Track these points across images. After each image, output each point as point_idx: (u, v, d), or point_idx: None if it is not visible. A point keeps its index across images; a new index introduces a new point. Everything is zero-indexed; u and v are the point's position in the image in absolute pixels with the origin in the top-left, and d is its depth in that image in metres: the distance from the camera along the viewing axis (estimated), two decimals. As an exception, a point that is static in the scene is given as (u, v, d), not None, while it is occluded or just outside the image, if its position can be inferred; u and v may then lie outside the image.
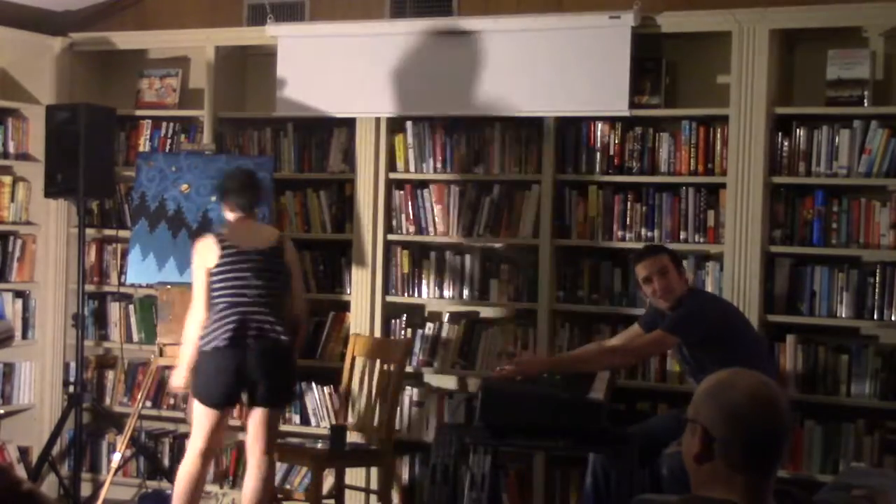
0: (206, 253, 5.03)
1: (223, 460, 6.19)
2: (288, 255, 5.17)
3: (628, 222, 5.58)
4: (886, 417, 5.16)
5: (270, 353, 4.98)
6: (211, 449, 5.13)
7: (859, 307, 5.21)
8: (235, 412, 5.69)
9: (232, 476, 6.17)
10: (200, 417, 5.06)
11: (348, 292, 6.06)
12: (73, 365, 6.31)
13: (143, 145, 6.45)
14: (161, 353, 5.76)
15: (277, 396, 5.08)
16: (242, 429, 5.49)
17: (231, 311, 4.98)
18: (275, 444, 5.20)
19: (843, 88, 5.21)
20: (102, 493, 5.84)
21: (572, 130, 5.68)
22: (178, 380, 5.20)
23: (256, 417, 5.09)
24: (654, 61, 5.58)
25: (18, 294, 6.48)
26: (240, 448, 6.18)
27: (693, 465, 2.29)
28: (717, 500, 2.25)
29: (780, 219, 5.35)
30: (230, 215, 5.17)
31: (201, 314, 5.01)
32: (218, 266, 5.02)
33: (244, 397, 5.11)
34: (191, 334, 5.04)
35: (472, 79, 5.73)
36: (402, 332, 5.98)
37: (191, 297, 5.19)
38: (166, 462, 6.37)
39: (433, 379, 6.00)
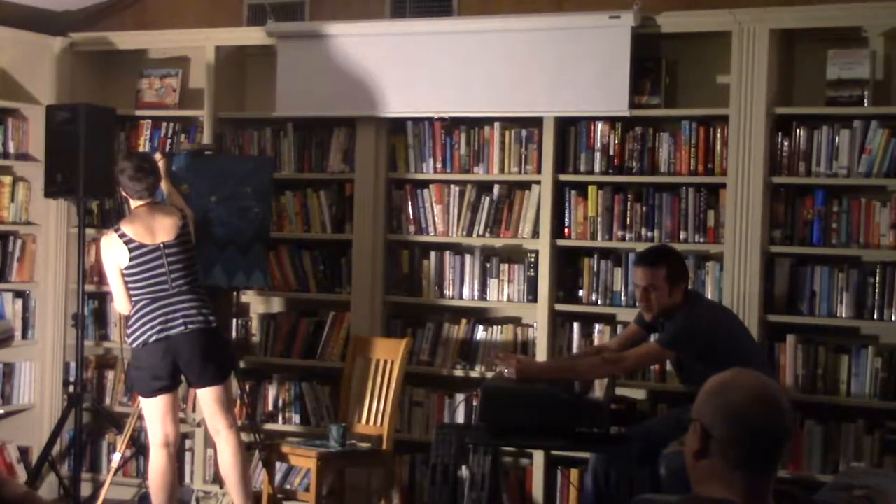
0: (114, 250, 5.16)
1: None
2: (192, 225, 5.32)
3: (628, 222, 5.58)
4: (886, 417, 5.16)
5: (200, 340, 5.13)
6: (167, 436, 5.26)
7: (859, 307, 5.21)
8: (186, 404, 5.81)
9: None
10: (148, 410, 5.25)
11: (348, 292, 6.06)
12: (73, 365, 6.30)
13: (143, 145, 6.45)
14: (161, 353, 5.76)
15: (215, 374, 5.22)
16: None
17: (153, 306, 5.13)
18: (233, 414, 5.34)
19: (843, 88, 5.21)
20: (102, 493, 5.84)
21: (572, 130, 5.68)
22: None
23: (205, 399, 5.26)
24: (654, 61, 5.58)
25: (18, 294, 6.47)
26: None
27: (692, 463, 2.30)
28: (717, 500, 2.25)
29: (780, 219, 5.35)
30: (132, 203, 5.28)
31: (127, 310, 5.20)
32: (130, 267, 5.15)
33: (183, 379, 5.27)
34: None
35: (472, 79, 5.73)
36: (402, 332, 5.98)
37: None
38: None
39: (433, 379, 6.00)
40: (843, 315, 5.23)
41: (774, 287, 5.33)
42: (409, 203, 5.96)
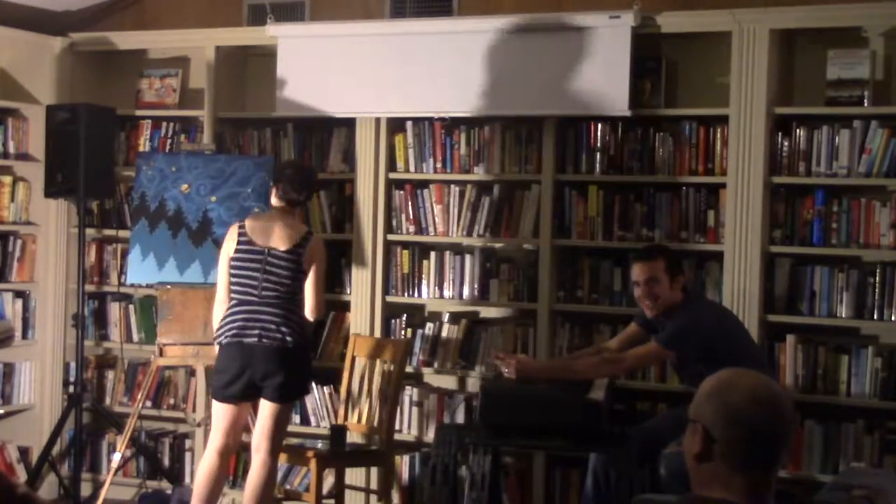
0: (229, 241, 5.10)
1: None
2: (309, 254, 5.06)
3: (628, 222, 5.58)
4: (886, 417, 5.16)
5: (272, 355, 4.95)
6: (227, 446, 5.13)
7: (859, 307, 5.21)
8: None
9: (232, 476, 6.16)
10: (214, 413, 5.13)
11: (348, 292, 6.06)
12: (73, 365, 6.31)
13: (143, 145, 6.45)
14: (161, 353, 5.76)
15: (281, 393, 5.03)
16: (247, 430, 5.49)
17: (238, 308, 5.01)
18: (279, 444, 5.16)
19: (843, 88, 5.21)
20: (102, 493, 5.84)
21: (572, 130, 5.68)
22: None
23: (261, 412, 5.10)
24: (654, 61, 5.58)
25: (18, 294, 6.48)
26: (243, 447, 6.18)
27: (693, 465, 2.29)
28: (717, 500, 2.25)
29: (780, 219, 5.35)
30: (273, 201, 5.15)
31: (222, 302, 5.08)
32: (233, 259, 5.06)
33: (258, 397, 5.10)
34: (213, 320, 5.13)
35: (472, 79, 5.73)
36: (402, 332, 5.99)
37: (191, 297, 5.19)
38: (166, 462, 6.38)
39: (433, 379, 6.00)
40: (843, 315, 5.23)
41: (774, 287, 5.33)
42: (409, 203, 5.96)
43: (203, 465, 5.16)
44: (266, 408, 5.06)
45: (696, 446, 2.27)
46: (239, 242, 5.05)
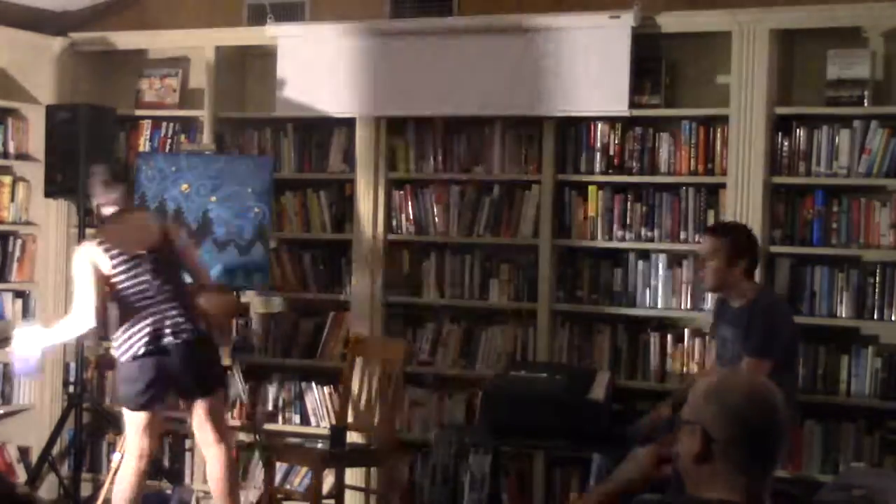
0: (95, 261, 4.96)
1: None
2: (178, 241, 5.13)
3: (628, 222, 5.58)
4: (886, 417, 5.16)
5: (189, 351, 4.98)
6: (144, 450, 5.13)
7: (859, 307, 5.21)
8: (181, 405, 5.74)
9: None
10: (131, 421, 5.08)
11: (348, 292, 6.06)
12: (73, 365, 6.31)
13: (143, 145, 6.45)
14: (161, 353, 5.75)
15: (206, 387, 5.08)
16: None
17: (141, 317, 4.96)
18: (225, 431, 5.19)
19: (843, 88, 5.21)
20: (102, 493, 5.84)
21: (572, 130, 5.68)
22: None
23: (196, 411, 5.12)
24: (654, 61, 5.58)
25: (18, 294, 6.47)
26: (239, 448, 6.18)
27: (691, 466, 2.29)
28: (717, 500, 2.25)
29: (780, 219, 5.35)
30: (107, 210, 5.12)
31: (91, 322, 4.97)
32: (114, 277, 4.98)
33: (172, 395, 5.16)
34: (68, 335, 5.16)
35: (472, 79, 5.72)
36: (402, 332, 5.98)
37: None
38: (166, 462, 6.37)
39: (433, 379, 6.00)
40: (843, 315, 5.23)
41: (774, 287, 5.32)
42: (409, 203, 5.96)
43: (122, 473, 5.16)
44: (196, 406, 5.09)
45: (694, 447, 2.28)
46: (111, 257, 4.94)
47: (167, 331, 4.95)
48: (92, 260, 4.96)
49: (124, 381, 5.05)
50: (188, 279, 5.18)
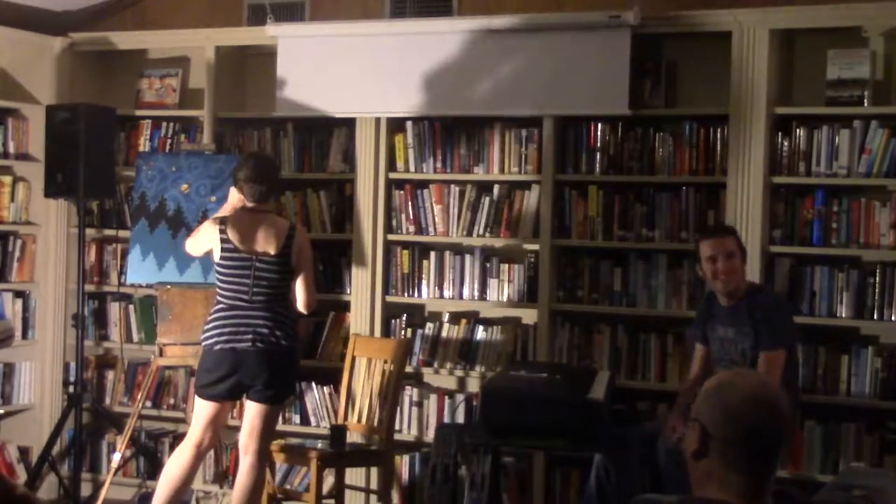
0: (208, 240, 5.03)
1: (223, 460, 6.19)
2: (296, 252, 5.04)
3: (628, 222, 5.58)
4: (886, 417, 5.16)
5: (266, 359, 4.95)
6: (204, 443, 5.13)
7: (859, 307, 5.21)
8: (235, 411, 5.70)
9: (232, 476, 6.16)
10: (197, 409, 5.12)
11: (348, 292, 6.06)
12: (73, 365, 6.31)
13: (143, 145, 6.45)
14: (161, 353, 5.77)
15: (270, 394, 5.04)
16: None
17: (228, 313, 4.98)
18: (268, 445, 5.17)
19: (843, 88, 5.21)
20: (102, 493, 5.84)
21: (572, 130, 5.68)
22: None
23: (249, 413, 5.10)
24: (654, 61, 5.58)
25: (18, 294, 6.47)
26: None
27: (692, 463, 2.31)
28: (715, 500, 2.25)
29: (780, 219, 5.35)
30: (246, 202, 5.07)
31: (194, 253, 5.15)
32: (218, 263, 5.02)
33: (243, 396, 5.12)
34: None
35: (472, 79, 5.73)
36: (402, 332, 5.99)
37: (190, 297, 5.17)
38: (166, 462, 6.37)
39: (433, 379, 6.00)
40: (843, 315, 5.23)
41: (774, 287, 5.32)
42: (409, 203, 5.96)
43: (178, 458, 5.15)
44: (254, 409, 5.06)
45: (693, 443, 2.29)
46: (223, 249, 4.98)
47: (246, 337, 4.94)
48: (210, 236, 5.01)
49: (201, 368, 5.06)
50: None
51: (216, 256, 5.02)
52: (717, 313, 4.79)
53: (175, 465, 5.15)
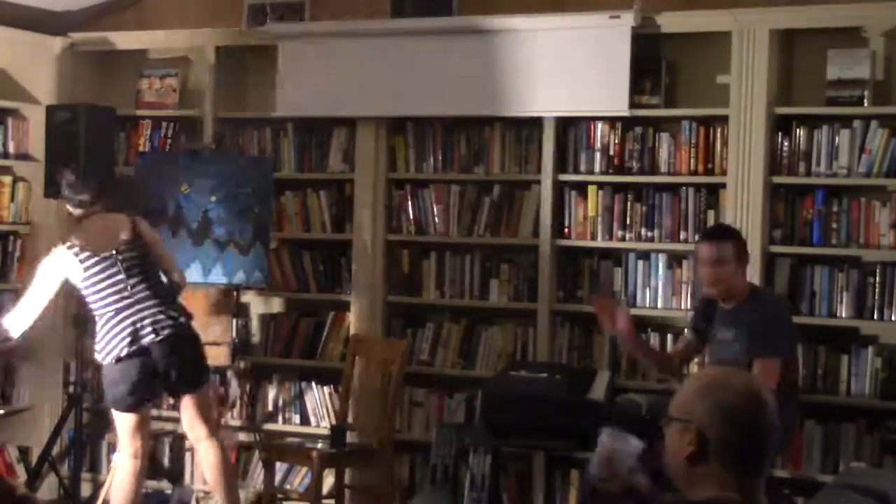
0: (66, 267, 5.00)
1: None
2: (146, 237, 5.12)
3: (628, 222, 5.58)
4: (886, 417, 5.16)
5: (171, 347, 4.98)
6: (139, 449, 5.15)
7: (859, 307, 5.21)
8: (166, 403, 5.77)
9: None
10: (122, 423, 5.12)
11: (348, 292, 6.06)
12: (73, 365, 6.30)
13: (143, 145, 6.45)
14: (161, 353, 5.76)
15: (192, 382, 5.08)
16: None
17: (119, 318, 4.97)
18: (212, 420, 5.22)
19: (843, 88, 5.21)
20: (102, 493, 5.84)
21: (572, 130, 5.68)
22: None
23: (184, 404, 5.14)
24: (654, 61, 5.58)
25: (18, 294, 6.46)
26: (239, 448, 6.19)
27: (684, 466, 2.27)
28: (715, 500, 2.25)
29: (780, 219, 5.35)
30: (76, 212, 5.16)
31: (26, 325, 5.08)
32: (86, 279, 5.00)
33: (161, 392, 5.20)
34: (21, 318, 5.10)
35: (473, 79, 5.72)
36: (402, 332, 5.98)
37: (190, 297, 5.17)
38: (166, 462, 6.37)
39: (433, 379, 6.00)
40: (843, 315, 5.23)
41: (774, 287, 5.32)
42: (409, 203, 5.96)
43: (119, 472, 5.17)
44: (184, 401, 5.11)
45: (688, 447, 2.26)
46: (82, 260, 4.98)
47: (147, 329, 4.95)
48: (63, 269, 5.00)
49: (109, 384, 5.05)
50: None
51: (79, 275, 4.99)
52: (717, 316, 4.78)
53: (121, 480, 5.17)
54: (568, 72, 5.56)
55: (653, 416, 4.68)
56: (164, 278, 5.14)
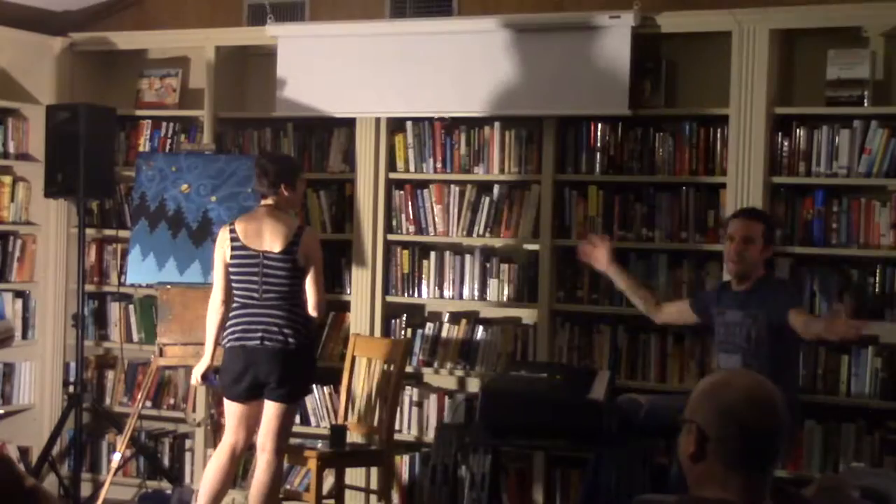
0: (221, 247, 5.10)
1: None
2: (303, 251, 5.04)
3: (628, 222, 5.58)
4: (886, 417, 5.16)
5: (274, 357, 4.98)
6: (239, 443, 5.16)
7: (859, 307, 5.20)
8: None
9: (245, 478, 6.16)
10: (226, 411, 5.20)
11: (348, 292, 6.06)
12: (73, 365, 6.31)
13: (143, 145, 6.45)
14: (161, 353, 5.77)
15: (284, 393, 5.05)
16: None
17: (240, 311, 5.05)
18: (284, 444, 5.19)
19: (843, 88, 5.21)
20: (102, 493, 5.84)
21: (572, 130, 5.68)
22: (196, 371, 5.28)
23: (266, 411, 5.12)
24: (654, 61, 5.58)
25: (18, 294, 6.47)
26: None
27: (688, 465, 2.29)
28: (714, 500, 2.25)
29: (780, 219, 5.34)
30: (264, 201, 5.13)
31: (217, 302, 5.11)
32: (230, 265, 5.07)
33: (260, 395, 5.11)
34: (208, 322, 5.15)
35: (472, 79, 5.72)
36: (402, 332, 5.98)
37: (191, 297, 5.17)
38: (166, 462, 6.37)
39: (433, 379, 6.00)
40: (843, 315, 5.22)
41: (774, 287, 5.32)
42: (409, 203, 5.96)
43: (214, 461, 5.20)
44: (270, 408, 5.08)
45: (690, 446, 2.27)
46: (233, 248, 5.04)
47: (255, 335, 4.98)
48: (221, 245, 5.08)
49: (221, 368, 5.15)
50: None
51: (227, 257, 5.07)
52: (727, 299, 4.80)
53: (211, 468, 5.19)
54: (568, 72, 5.56)
55: (654, 416, 4.69)
56: (304, 297, 5.07)
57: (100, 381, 6.56)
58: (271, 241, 5.03)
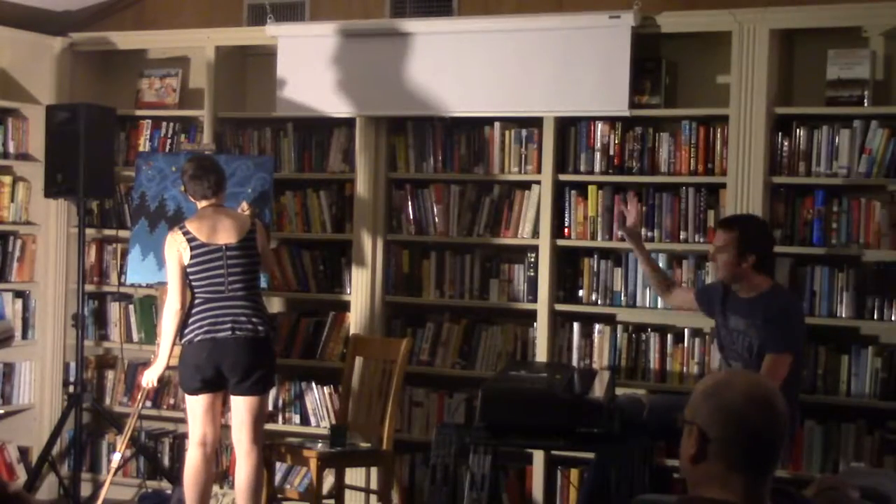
0: (175, 250, 5.12)
1: (223, 460, 6.19)
2: (261, 240, 5.23)
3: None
4: (886, 417, 5.16)
5: (245, 346, 5.07)
6: (207, 438, 5.20)
7: (859, 307, 5.21)
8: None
9: (232, 476, 6.15)
10: (189, 407, 5.23)
11: (348, 292, 6.06)
12: (73, 365, 6.31)
13: (143, 145, 6.46)
14: (161, 353, 5.76)
15: (250, 384, 5.12)
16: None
17: (204, 307, 5.09)
18: (261, 434, 5.24)
19: (843, 88, 5.21)
20: (102, 493, 5.84)
21: (572, 130, 5.68)
22: (152, 374, 5.33)
23: (237, 407, 5.18)
24: (654, 61, 5.58)
25: (18, 294, 6.47)
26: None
27: (689, 467, 2.29)
28: (715, 500, 2.25)
29: (780, 219, 5.34)
30: (199, 204, 5.24)
31: (175, 305, 5.14)
32: (191, 265, 5.11)
33: (225, 387, 5.19)
34: (165, 327, 5.20)
35: (472, 79, 5.72)
36: (402, 332, 5.98)
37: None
38: (166, 462, 6.37)
39: (433, 379, 6.00)
40: (843, 315, 5.23)
41: (774, 287, 5.32)
42: (409, 203, 5.96)
43: (187, 462, 5.25)
44: (239, 403, 5.15)
45: (690, 448, 2.27)
46: (192, 248, 5.10)
47: (226, 325, 5.06)
48: (175, 249, 5.12)
49: (180, 364, 5.19)
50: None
51: (186, 259, 5.11)
52: (733, 303, 4.79)
53: (188, 469, 5.25)
54: (568, 72, 5.56)
55: (655, 416, 4.68)
56: (263, 284, 5.33)
57: (100, 381, 6.56)
58: (229, 234, 5.14)
